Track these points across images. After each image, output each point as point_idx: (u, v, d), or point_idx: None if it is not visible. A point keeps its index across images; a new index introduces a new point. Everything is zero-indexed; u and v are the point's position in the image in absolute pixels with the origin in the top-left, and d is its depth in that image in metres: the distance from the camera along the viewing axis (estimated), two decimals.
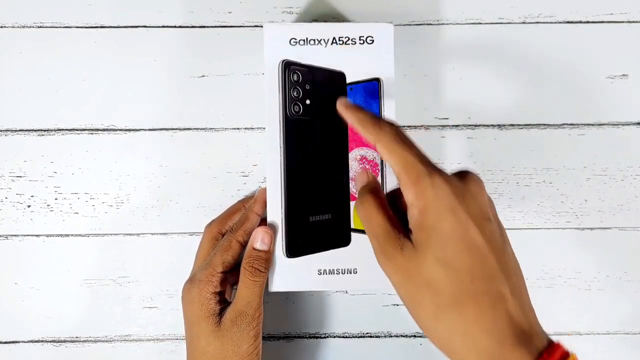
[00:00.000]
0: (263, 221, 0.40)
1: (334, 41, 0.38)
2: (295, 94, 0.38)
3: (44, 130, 0.45)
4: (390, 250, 0.30)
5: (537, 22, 0.46)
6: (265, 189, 0.39)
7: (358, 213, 0.33)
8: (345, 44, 0.39)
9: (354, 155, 0.39)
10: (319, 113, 0.39)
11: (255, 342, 0.37)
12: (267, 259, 0.38)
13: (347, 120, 0.33)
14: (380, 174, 0.39)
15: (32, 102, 0.45)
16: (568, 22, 0.46)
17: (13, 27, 0.45)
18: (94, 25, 0.45)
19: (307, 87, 0.38)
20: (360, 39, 0.39)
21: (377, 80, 0.39)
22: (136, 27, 0.45)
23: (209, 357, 0.36)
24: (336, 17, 0.45)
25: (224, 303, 0.38)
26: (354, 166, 0.39)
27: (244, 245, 0.39)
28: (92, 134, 0.45)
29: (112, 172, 0.45)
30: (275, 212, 0.38)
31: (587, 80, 0.46)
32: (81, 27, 0.45)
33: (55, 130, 0.45)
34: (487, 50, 0.46)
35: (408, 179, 0.30)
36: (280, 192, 0.38)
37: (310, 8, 0.45)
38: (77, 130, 0.45)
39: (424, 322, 0.29)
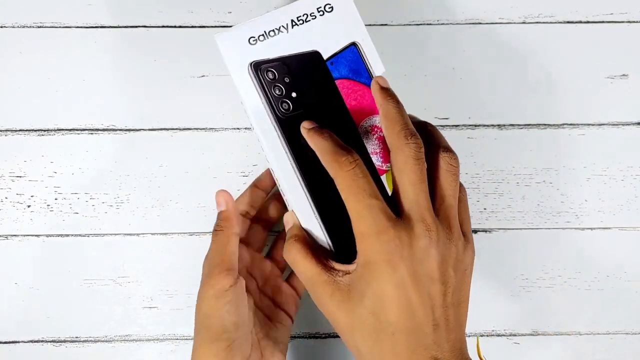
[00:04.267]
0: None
1: (294, 23, 0.35)
2: (277, 92, 0.35)
3: (44, 130, 0.45)
4: (320, 294, 0.31)
5: (537, 22, 0.46)
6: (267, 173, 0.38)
7: (286, 259, 0.33)
8: (306, 21, 0.35)
9: (365, 128, 0.36)
10: (310, 101, 0.35)
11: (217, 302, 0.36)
12: (224, 218, 0.37)
13: (310, 146, 0.33)
14: None
15: (32, 102, 0.45)
16: (568, 22, 0.46)
17: (13, 27, 0.45)
18: (94, 25, 0.45)
19: (287, 80, 0.35)
20: (319, 11, 0.36)
21: (354, 44, 0.36)
22: (136, 27, 0.45)
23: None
24: None
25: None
26: (370, 139, 0.36)
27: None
28: (92, 134, 0.45)
29: (112, 172, 0.45)
30: (312, 223, 0.34)
31: (587, 80, 0.46)
32: (81, 27, 0.45)
33: (55, 130, 0.45)
34: (487, 50, 0.46)
35: (356, 231, 0.30)
36: (308, 200, 0.34)
37: None
38: (77, 130, 0.45)
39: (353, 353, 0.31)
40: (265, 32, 0.35)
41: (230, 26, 0.45)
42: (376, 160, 0.35)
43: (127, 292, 0.45)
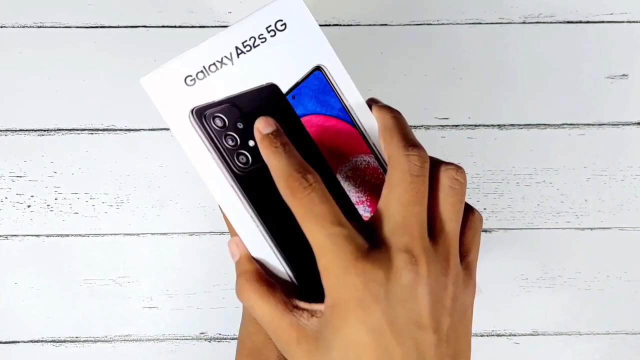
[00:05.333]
0: None
1: (239, 51, 0.28)
2: (230, 142, 0.28)
3: (44, 130, 0.45)
4: (285, 342, 0.25)
5: (537, 22, 0.46)
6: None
7: (241, 302, 0.27)
8: (255, 46, 0.28)
9: (345, 175, 0.29)
10: None
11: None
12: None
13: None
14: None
15: (32, 102, 0.45)
16: (568, 22, 0.46)
17: (13, 27, 0.45)
18: (94, 25, 0.45)
19: (240, 125, 0.28)
20: (269, 31, 0.28)
21: (318, 68, 0.29)
22: (136, 27, 0.45)
23: None
24: (336, 18, 0.45)
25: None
26: (352, 187, 0.29)
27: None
28: (92, 134, 0.45)
29: (112, 172, 0.45)
30: (265, 251, 0.28)
31: (587, 80, 0.46)
32: (81, 27, 0.45)
33: (55, 130, 0.45)
34: (487, 50, 0.46)
35: (319, 266, 0.25)
36: (255, 223, 0.28)
37: (313, 11, 0.45)
38: (77, 130, 0.45)
39: None
40: (204, 67, 0.28)
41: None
42: (363, 210, 0.30)
43: (127, 292, 0.45)
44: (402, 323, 0.24)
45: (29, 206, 0.45)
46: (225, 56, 0.28)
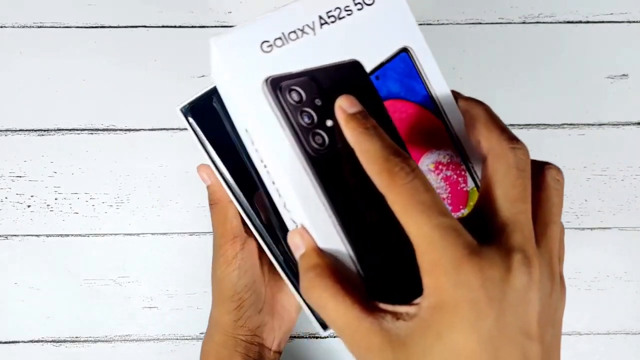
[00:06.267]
0: None
1: (323, 21, 0.25)
2: (306, 119, 0.25)
3: (44, 130, 0.45)
4: (364, 349, 0.22)
5: (537, 22, 0.46)
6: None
7: (308, 301, 0.24)
8: (339, 18, 0.25)
9: (426, 167, 0.27)
10: None
11: (227, 269, 0.36)
12: (213, 191, 0.36)
13: (348, 140, 0.24)
14: (469, 174, 0.28)
15: (32, 102, 0.45)
16: (568, 22, 0.46)
17: (13, 27, 0.45)
18: (94, 25, 0.45)
19: (318, 102, 0.25)
20: (355, 3, 0.26)
21: (405, 50, 0.26)
22: (136, 27, 0.45)
23: None
24: None
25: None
26: (432, 183, 0.25)
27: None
28: (92, 134, 0.45)
29: (112, 172, 0.45)
30: (334, 241, 0.25)
31: (587, 80, 0.46)
32: (81, 27, 0.45)
33: (55, 130, 0.45)
34: (488, 50, 0.46)
35: (424, 260, 0.21)
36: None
37: None
38: (77, 130, 0.45)
39: None
40: (284, 34, 0.25)
41: (231, 26, 0.45)
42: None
43: (127, 292, 0.45)
44: (513, 331, 0.21)
45: (29, 206, 0.45)
46: (307, 25, 0.25)
